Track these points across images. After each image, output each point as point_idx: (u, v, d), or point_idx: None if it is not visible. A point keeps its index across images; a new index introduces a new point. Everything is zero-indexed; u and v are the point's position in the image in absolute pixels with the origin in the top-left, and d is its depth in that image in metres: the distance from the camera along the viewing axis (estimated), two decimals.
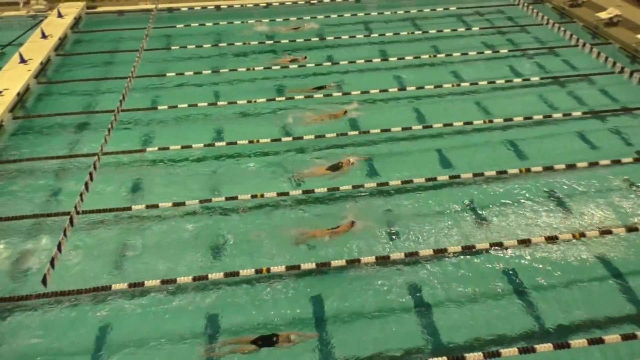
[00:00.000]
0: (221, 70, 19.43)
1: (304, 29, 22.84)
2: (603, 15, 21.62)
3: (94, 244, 12.04)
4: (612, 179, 13.82)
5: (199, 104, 17.16)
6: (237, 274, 10.87)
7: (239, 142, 15.16)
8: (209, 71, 19.34)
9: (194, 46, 21.28)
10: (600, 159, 14.30)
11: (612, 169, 14.08)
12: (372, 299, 10.55)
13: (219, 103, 17.42)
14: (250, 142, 15.19)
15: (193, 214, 12.86)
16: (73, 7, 24.07)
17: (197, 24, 23.24)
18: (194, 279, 10.80)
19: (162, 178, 14.20)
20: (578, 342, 9.28)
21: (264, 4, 25.24)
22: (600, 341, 9.30)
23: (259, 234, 12.13)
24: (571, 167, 14.00)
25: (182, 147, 14.95)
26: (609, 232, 11.83)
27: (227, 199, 13.05)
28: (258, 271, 10.90)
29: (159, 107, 17.16)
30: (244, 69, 19.38)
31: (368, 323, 10.09)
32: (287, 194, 13.19)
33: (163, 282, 10.74)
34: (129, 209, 12.79)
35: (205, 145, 15.11)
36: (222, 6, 25.00)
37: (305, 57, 19.30)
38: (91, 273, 11.19)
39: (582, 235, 11.77)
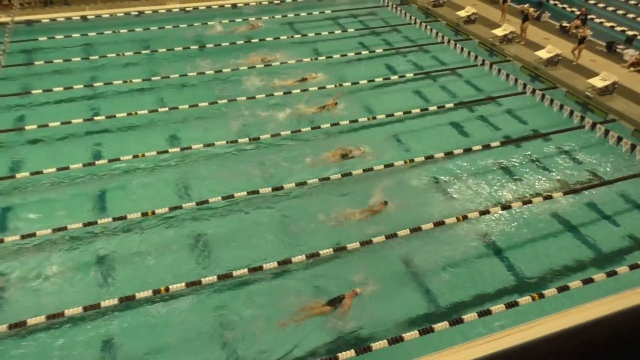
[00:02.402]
0: (95, 84, 18.24)
1: (256, 28, 23.20)
2: (462, 13, 23.60)
3: None
4: (484, 163, 15.12)
5: (73, 121, 15.93)
6: (133, 297, 10.27)
7: (122, 157, 14.33)
8: (81, 85, 18.05)
9: (61, 60, 19.73)
10: (473, 145, 15.59)
11: (483, 153, 15.41)
12: None
13: (96, 118, 16.32)
14: (135, 156, 14.42)
15: (77, 239, 11.92)
16: None
17: (62, 36, 21.57)
18: (85, 308, 10.02)
19: (37, 204, 12.99)
20: (469, 316, 10.02)
21: (135, 13, 24.11)
22: (488, 313, 10.13)
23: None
24: (449, 154, 15.09)
25: (58, 169, 13.79)
26: (487, 212, 12.92)
27: (114, 219, 12.27)
28: (156, 292, 10.40)
29: (27, 128, 15.66)
30: (121, 82, 18.35)
31: None
32: (180, 207, 12.71)
33: (49, 317, 9.81)
34: (1, 241, 11.53)
35: (84, 165, 14.08)
36: (89, 16, 23.44)
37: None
38: None
39: (465, 217, 12.72)
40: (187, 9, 24.81)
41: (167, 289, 10.43)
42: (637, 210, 13.54)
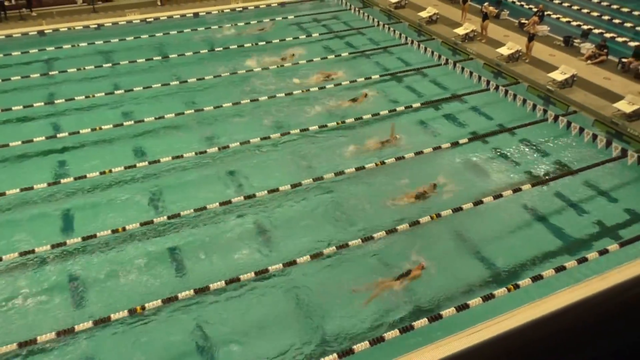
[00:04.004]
0: (56, 101, 17.76)
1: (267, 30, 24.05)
2: (424, 14, 23.94)
3: None
4: (454, 160, 15.33)
5: (35, 139, 15.46)
6: (108, 319, 10.01)
7: (88, 175, 13.98)
8: (42, 103, 17.57)
9: (19, 77, 19.17)
10: (442, 143, 15.79)
11: (453, 150, 15.62)
12: None
13: (58, 135, 15.87)
14: (102, 173, 14.09)
15: (46, 261, 11.55)
16: None
17: (19, 53, 20.97)
18: (58, 334, 9.71)
19: (2, 228, 12.52)
20: (448, 311, 10.14)
21: (95, 26, 23.62)
22: (465, 307, 10.27)
23: None
24: (419, 154, 15.25)
25: (22, 190, 13.36)
26: (460, 209, 13.07)
27: (84, 238, 11.95)
28: (132, 311, 10.16)
29: None
30: (83, 97, 17.92)
31: None
32: (151, 222, 12.47)
33: (21, 344, 9.47)
34: None
35: (49, 184, 13.68)
36: (46, 31, 22.84)
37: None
38: None
39: (438, 215, 12.82)
40: (148, 19, 24.46)
41: (143, 308, 10.21)
42: (602, 197, 13.94)
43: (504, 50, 20.02)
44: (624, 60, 19.15)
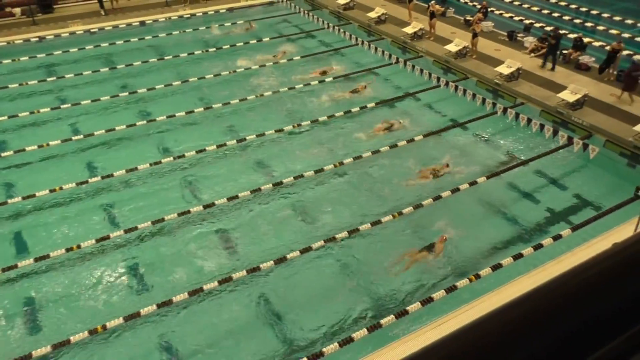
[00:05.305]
0: None
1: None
2: (372, 15, 24.24)
3: None
4: (410, 157, 15.55)
5: None
6: (68, 342, 9.62)
7: (38, 193, 13.41)
8: None
9: None
10: (398, 141, 16.01)
11: (408, 147, 15.85)
12: None
13: (2, 154, 15.16)
14: (52, 190, 13.56)
15: None
16: None
17: None
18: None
19: None
20: (413, 306, 10.27)
21: (36, 38, 22.73)
22: (430, 300, 10.43)
23: None
24: (376, 152, 15.41)
25: None
26: (421, 206, 13.26)
27: (36, 259, 11.44)
28: (93, 332, 9.81)
29: None
30: (27, 113, 17.19)
31: None
32: (107, 237, 12.08)
33: None
34: None
35: None
36: None
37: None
38: None
39: (400, 214, 12.93)
40: (92, 30, 23.72)
41: (104, 327, 9.86)
42: (553, 185, 14.49)
43: (452, 47, 20.51)
44: (564, 51, 19.96)
